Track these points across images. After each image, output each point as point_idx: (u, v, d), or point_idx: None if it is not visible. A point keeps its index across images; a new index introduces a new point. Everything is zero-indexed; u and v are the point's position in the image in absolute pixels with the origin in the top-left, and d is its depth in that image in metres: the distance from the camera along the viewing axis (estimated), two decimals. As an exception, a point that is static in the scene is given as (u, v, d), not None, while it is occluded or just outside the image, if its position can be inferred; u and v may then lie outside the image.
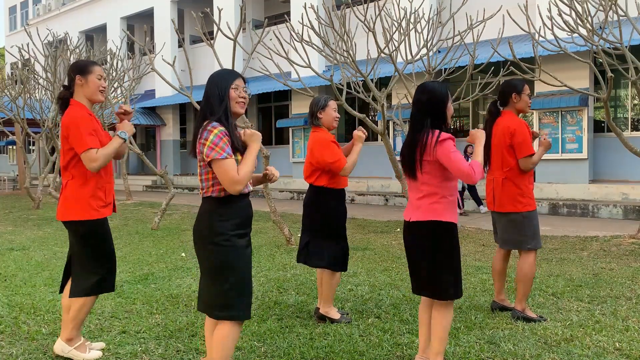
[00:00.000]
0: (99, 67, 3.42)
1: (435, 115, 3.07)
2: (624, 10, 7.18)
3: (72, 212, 3.29)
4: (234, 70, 2.84)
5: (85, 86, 3.35)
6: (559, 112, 12.58)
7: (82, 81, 3.35)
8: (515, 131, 4.05)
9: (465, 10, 9.52)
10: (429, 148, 2.98)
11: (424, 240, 3.05)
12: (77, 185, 3.30)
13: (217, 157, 2.55)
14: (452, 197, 3.09)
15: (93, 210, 3.30)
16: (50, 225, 10.07)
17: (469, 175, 2.90)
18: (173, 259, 6.63)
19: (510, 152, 4.09)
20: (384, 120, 8.77)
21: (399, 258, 6.53)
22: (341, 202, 4.19)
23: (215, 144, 2.57)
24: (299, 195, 16.13)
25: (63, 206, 3.32)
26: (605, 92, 7.25)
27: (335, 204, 4.14)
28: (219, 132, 2.59)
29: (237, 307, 2.67)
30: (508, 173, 4.10)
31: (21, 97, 12.80)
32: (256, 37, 7.96)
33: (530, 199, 4.12)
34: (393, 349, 3.53)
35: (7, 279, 5.57)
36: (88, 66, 3.37)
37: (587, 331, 3.80)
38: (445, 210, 3.03)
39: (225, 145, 2.58)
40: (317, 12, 8.43)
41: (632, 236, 7.62)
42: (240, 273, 2.69)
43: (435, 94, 3.08)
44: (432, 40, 8.65)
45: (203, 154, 2.60)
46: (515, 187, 4.08)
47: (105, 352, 3.52)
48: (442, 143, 2.95)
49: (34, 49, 11.35)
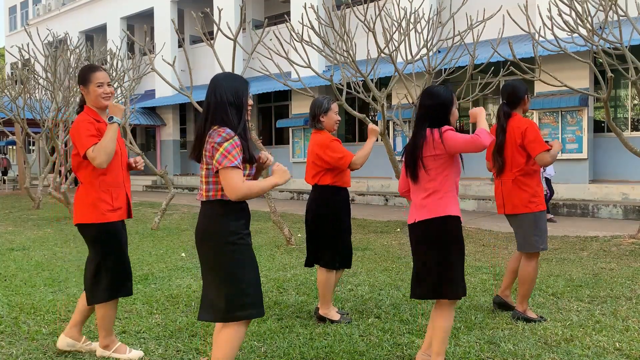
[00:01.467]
0: (100, 72, 3.39)
1: (438, 120, 3.09)
2: (624, 10, 7.18)
3: (80, 215, 3.35)
4: (242, 78, 2.81)
5: (87, 95, 3.40)
6: (559, 112, 12.59)
7: (84, 90, 3.40)
8: (526, 130, 4.04)
9: (465, 10, 9.52)
10: (432, 143, 3.02)
11: (434, 237, 3.05)
12: (84, 188, 3.37)
13: (227, 165, 2.56)
14: (454, 193, 3.12)
15: (100, 213, 3.32)
16: (50, 225, 10.07)
17: (475, 141, 2.96)
18: (173, 259, 6.63)
19: (520, 152, 4.07)
20: (384, 120, 8.77)
21: (399, 258, 6.53)
22: (346, 200, 4.21)
23: (228, 151, 2.57)
24: (299, 195, 16.13)
25: (74, 209, 3.41)
26: (605, 92, 7.25)
27: (340, 202, 4.15)
28: (233, 142, 2.59)
29: (256, 304, 2.69)
30: (517, 174, 4.10)
31: (21, 97, 12.79)
32: (256, 37, 7.95)
33: (540, 199, 4.13)
34: (393, 349, 3.54)
35: (7, 279, 5.57)
36: (86, 75, 3.38)
37: (587, 331, 3.80)
38: (452, 204, 3.07)
39: (237, 154, 2.59)
40: (317, 12, 8.43)
41: (632, 236, 7.62)
42: (256, 269, 2.73)
43: (439, 100, 3.10)
44: (432, 40, 8.65)
45: (214, 160, 2.59)
46: (526, 187, 4.09)
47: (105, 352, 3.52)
48: (446, 133, 3.01)
49: (34, 49, 11.34)
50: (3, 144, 30.88)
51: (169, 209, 11.20)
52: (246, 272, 2.68)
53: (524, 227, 4.13)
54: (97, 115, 3.39)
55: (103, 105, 3.40)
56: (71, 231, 9.18)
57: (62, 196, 11.29)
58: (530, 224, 4.10)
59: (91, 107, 3.40)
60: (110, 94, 3.41)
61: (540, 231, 4.11)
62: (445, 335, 3.06)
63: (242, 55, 16.60)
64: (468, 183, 13.31)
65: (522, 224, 4.13)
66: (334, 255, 4.11)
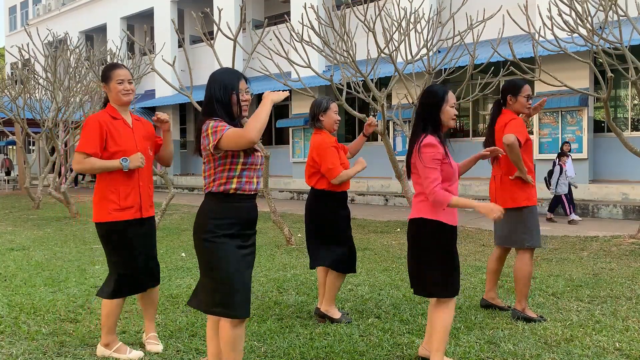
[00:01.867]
0: (121, 70, 3.43)
1: (430, 119, 3.14)
2: (624, 10, 7.18)
3: (94, 214, 3.43)
4: (237, 72, 2.82)
5: (109, 92, 3.45)
6: (559, 112, 12.59)
7: (106, 88, 3.45)
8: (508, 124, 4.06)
9: (465, 10, 9.52)
10: (416, 150, 3.10)
11: (411, 237, 3.19)
12: (96, 186, 3.45)
13: (220, 135, 2.60)
14: None
15: (106, 212, 3.35)
16: (50, 225, 10.07)
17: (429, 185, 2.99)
18: (173, 259, 6.63)
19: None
20: (384, 120, 8.77)
21: (399, 258, 6.53)
22: (343, 205, 4.17)
23: (215, 127, 2.64)
24: (299, 195, 16.14)
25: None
26: (605, 92, 7.25)
27: (336, 208, 4.12)
28: (214, 123, 2.66)
29: (229, 304, 2.67)
30: (505, 168, 4.11)
31: (21, 97, 12.78)
32: (256, 37, 7.95)
33: (530, 194, 4.10)
34: (393, 349, 3.54)
35: (7, 279, 5.57)
36: (108, 72, 3.44)
37: (587, 331, 3.80)
38: (431, 209, 3.07)
39: (223, 126, 2.64)
40: (317, 12, 8.43)
41: (632, 236, 7.62)
42: (226, 271, 2.68)
43: (429, 98, 3.16)
44: (432, 40, 8.65)
45: (209, 145, 2.64)
46: (513, 181, 4.08)
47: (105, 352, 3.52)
48: (422, 149, 3.04)
49: (34, 49, 11.35)
50: (3, 144, 30.89)
51: (169, 209, 11.20)
52: (216, 272, 2.69)
53: (511, 223, 4.11)
54: (116, 112, 3.43)
55: (123, 102, 3.43)
56: (71, 231, 9.18)
57: (62, 196, 11.29)
58: (518, 219, 4.09)
59: (113, 105, 3.45)
60: (130, 90, 3.43)
61: (528, 228, 4.09)
62: (442, 332, 3.09)
63: (242, 55, 16.60)
64: (468, 183, 13.31)
65: (510, 219, 4.09)
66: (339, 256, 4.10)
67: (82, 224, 10.17)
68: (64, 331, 3.92)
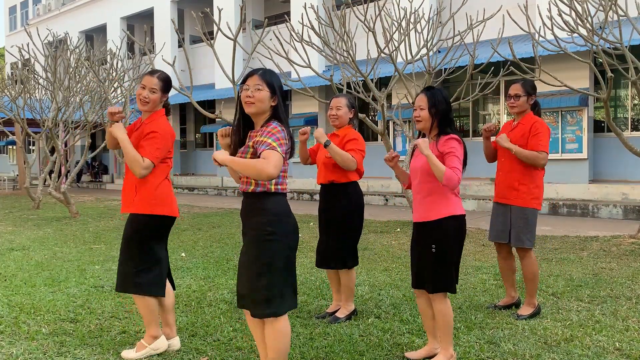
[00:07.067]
0: (147, 76, 3.44)
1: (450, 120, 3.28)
2: (624, 10, 7.18)
3: (144, 205, 3.44)
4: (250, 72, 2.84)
5: None
6: (559, 112, 12.58)
7: None
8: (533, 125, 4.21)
9: (465, 10, 9.52)
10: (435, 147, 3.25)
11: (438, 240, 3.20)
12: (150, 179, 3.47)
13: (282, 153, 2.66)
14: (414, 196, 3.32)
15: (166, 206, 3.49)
16: (50, 225, 10.07)
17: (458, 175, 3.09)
18: (173, 259, 6.62)
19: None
20: (384, 120, 8.77)
21: (399, 258, 6.53)
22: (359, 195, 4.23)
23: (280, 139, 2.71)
24: (299, 195, 16.14)
25: None
26: (605, 92, 7.24)
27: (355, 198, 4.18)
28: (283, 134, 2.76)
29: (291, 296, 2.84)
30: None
31: (21, 97, 12.77)
32: (256, 37, 7.95)
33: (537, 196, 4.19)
34: (393, 349, 3.54)
35: (7, 279, 5.57)
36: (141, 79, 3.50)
37: (587, 331, 3.80)
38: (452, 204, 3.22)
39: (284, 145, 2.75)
40: (317, 12, 8.44)
41: (632, 236, 7.62)
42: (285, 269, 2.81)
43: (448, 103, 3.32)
44: (432, 40, 8.65)
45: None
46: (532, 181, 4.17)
47: (105, 352, 3.52)
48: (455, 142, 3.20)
49: (34, 49, 11.34)
50: (3, 143, 30.88)
51: (169, 209, 11.18)
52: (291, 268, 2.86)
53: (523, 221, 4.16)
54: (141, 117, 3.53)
55: (140, 107, 3.45)
56: (71, 231, 9.18)
57: (62, 196, 11.28)
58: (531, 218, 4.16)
59: None
60: (146, 98, 3.38)
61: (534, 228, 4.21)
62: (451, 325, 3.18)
63: (242, 55, 16.58)
64: (468, 183, 13.31)
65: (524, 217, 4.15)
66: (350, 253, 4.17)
67: (82, 224, 10.17)
68: (64, 331, 3.92)
